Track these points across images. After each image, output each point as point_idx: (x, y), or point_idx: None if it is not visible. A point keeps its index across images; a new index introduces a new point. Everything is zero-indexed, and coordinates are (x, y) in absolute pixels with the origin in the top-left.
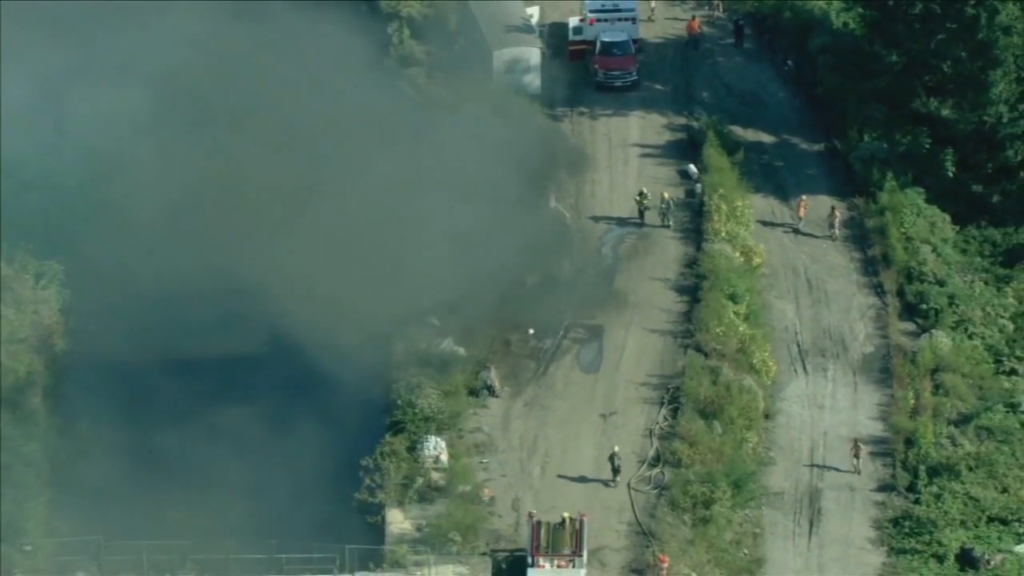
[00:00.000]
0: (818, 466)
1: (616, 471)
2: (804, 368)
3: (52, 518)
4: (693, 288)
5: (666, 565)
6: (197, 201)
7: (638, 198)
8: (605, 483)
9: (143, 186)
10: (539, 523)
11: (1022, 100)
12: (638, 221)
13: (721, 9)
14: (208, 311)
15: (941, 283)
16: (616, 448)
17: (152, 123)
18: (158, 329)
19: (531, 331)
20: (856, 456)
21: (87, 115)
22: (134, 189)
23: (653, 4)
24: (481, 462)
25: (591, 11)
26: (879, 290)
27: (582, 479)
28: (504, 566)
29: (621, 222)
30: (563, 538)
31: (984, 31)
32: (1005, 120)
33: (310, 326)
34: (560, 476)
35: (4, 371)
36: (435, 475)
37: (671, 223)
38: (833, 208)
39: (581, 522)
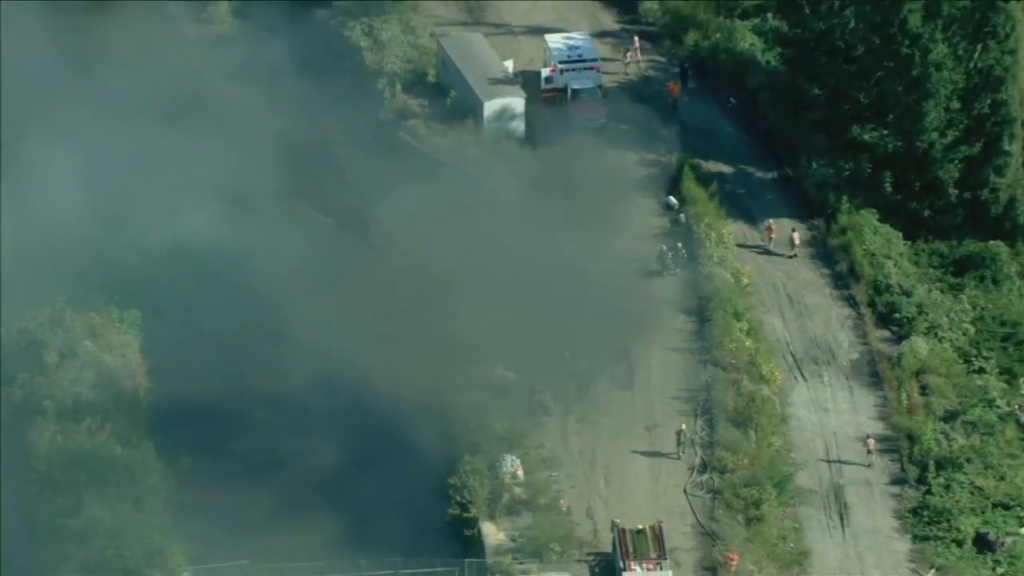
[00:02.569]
0: (834, 461)
1: (681, 444)
2: (802, 376)
3: (186, 544)
4: (698, 309)
5: (735, 562)
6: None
7: (658, 256)
8: (671, 456)
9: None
10: (623, 530)
11: (950, 127)
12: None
13: (640, 52)
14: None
15: (908, 293)
16: (683, 426)
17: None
18: (238, 369)
19: (567, 354)
20: (869, 451)
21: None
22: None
23: (632, 53)
24: (551, 475)
25: (559, 62)
26: (852, 302)
27: (654, 454)
28: (597, 571)
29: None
30: (646, 543)
31: (918, 68)
32: (938, 147)
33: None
34: (634, 451)
35: (114, 411)
36: (516, 489)
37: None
38: (793, 230)
39: (660, 527)
